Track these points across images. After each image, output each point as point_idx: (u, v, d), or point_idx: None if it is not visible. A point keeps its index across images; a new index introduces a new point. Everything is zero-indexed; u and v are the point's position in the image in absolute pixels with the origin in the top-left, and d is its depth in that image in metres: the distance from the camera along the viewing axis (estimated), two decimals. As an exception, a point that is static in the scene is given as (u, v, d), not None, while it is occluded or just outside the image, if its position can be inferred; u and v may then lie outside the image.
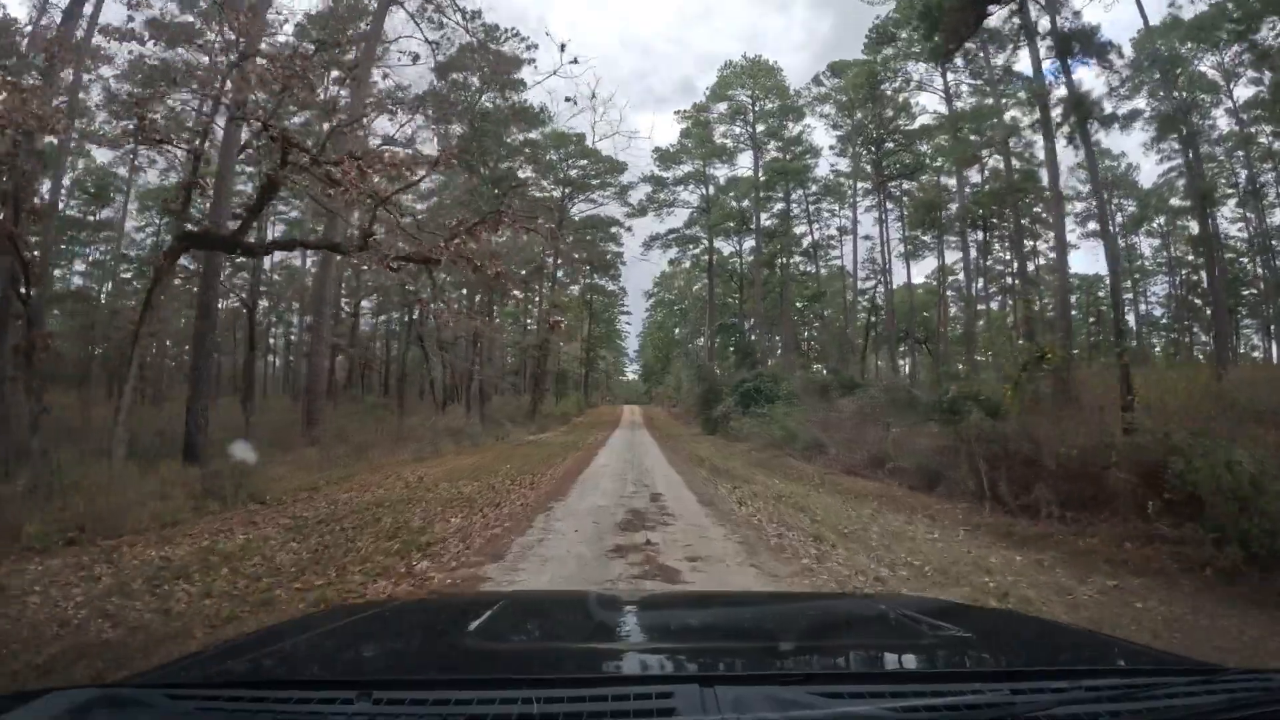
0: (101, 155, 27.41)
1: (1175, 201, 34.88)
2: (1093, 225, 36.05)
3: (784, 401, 19.46)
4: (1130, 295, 37.05)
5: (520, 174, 39.23)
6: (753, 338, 35.33)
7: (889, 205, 37.15)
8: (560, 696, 0.94)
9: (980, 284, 36.74)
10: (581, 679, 1.06)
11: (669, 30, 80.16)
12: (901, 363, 36.46)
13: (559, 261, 41.29)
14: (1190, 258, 35.47)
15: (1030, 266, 35.00)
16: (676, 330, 60.17)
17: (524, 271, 42.84)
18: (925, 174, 38.06)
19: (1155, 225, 38.42)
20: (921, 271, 57.79)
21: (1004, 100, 28.33)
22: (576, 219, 42.53)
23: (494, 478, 11.23)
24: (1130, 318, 35.77)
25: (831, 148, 38.48)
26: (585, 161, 42.04)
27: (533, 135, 36.67)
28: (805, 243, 40.46)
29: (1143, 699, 0.95)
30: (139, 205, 29.99)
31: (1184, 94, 24.95)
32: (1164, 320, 40.39)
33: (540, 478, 11.53)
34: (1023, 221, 38.60)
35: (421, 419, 23.74)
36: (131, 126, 7.85)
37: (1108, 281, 21.05)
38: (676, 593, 4.24)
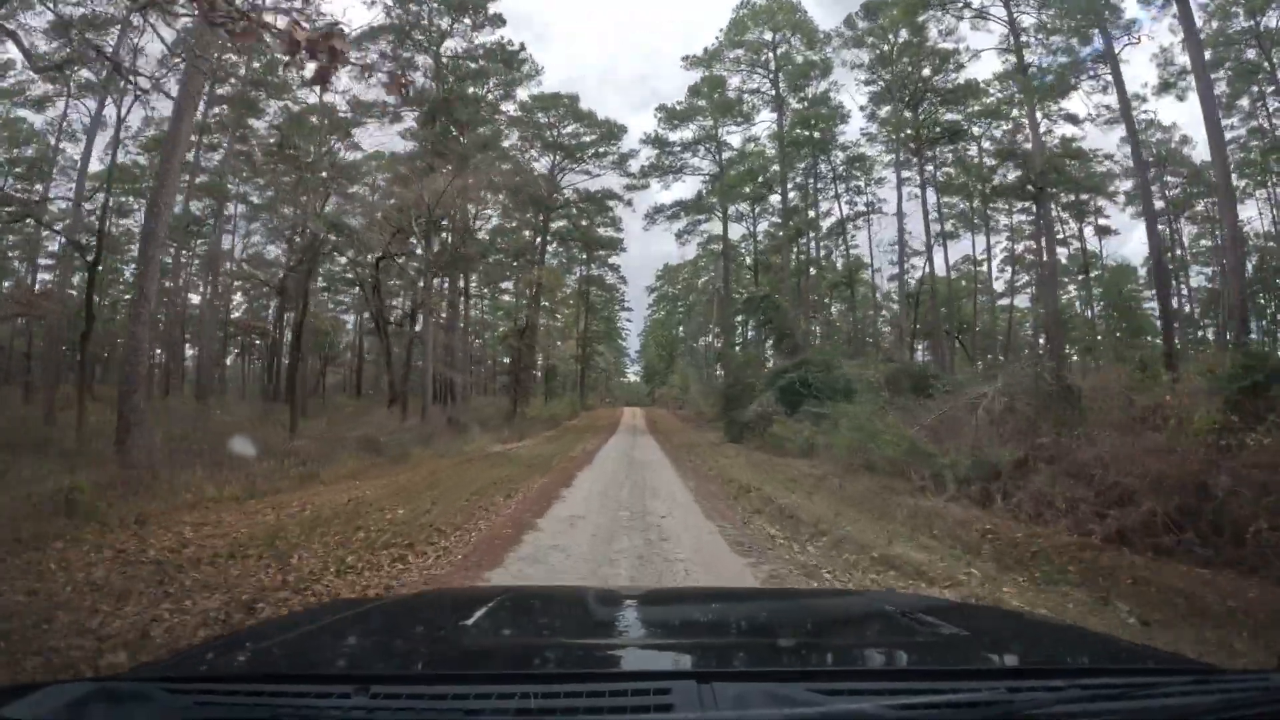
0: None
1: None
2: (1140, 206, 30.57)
3: (863, 395, 13.42)
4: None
5: (504, 140, 33.81)
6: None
7: (921, 177, 31.34)
8: (557, 692, 0.93)
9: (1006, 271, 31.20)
10: (579, 674, 1.07)
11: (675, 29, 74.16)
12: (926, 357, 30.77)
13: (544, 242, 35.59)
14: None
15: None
16: (680, 329, 55.22)
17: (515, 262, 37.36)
18: (968, 139, 32.61)
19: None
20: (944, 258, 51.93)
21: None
22: (569, 193, 36.80)
23: (335, 534, 5.43)
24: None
25: (862, 109, 32.58)
26: (577, 126, 36.38)
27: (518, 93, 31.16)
28: (825, 225, 34.67)
29: (1140, 698, 0.95)
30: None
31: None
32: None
33: (450, 535, 5.75)
34: (1081, 196, 33.12)
35: (355, 421, 17.98)
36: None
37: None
38: (675, 589, 3.88)
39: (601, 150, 36.48)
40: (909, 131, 31.88)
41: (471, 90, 30.67)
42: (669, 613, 1.77)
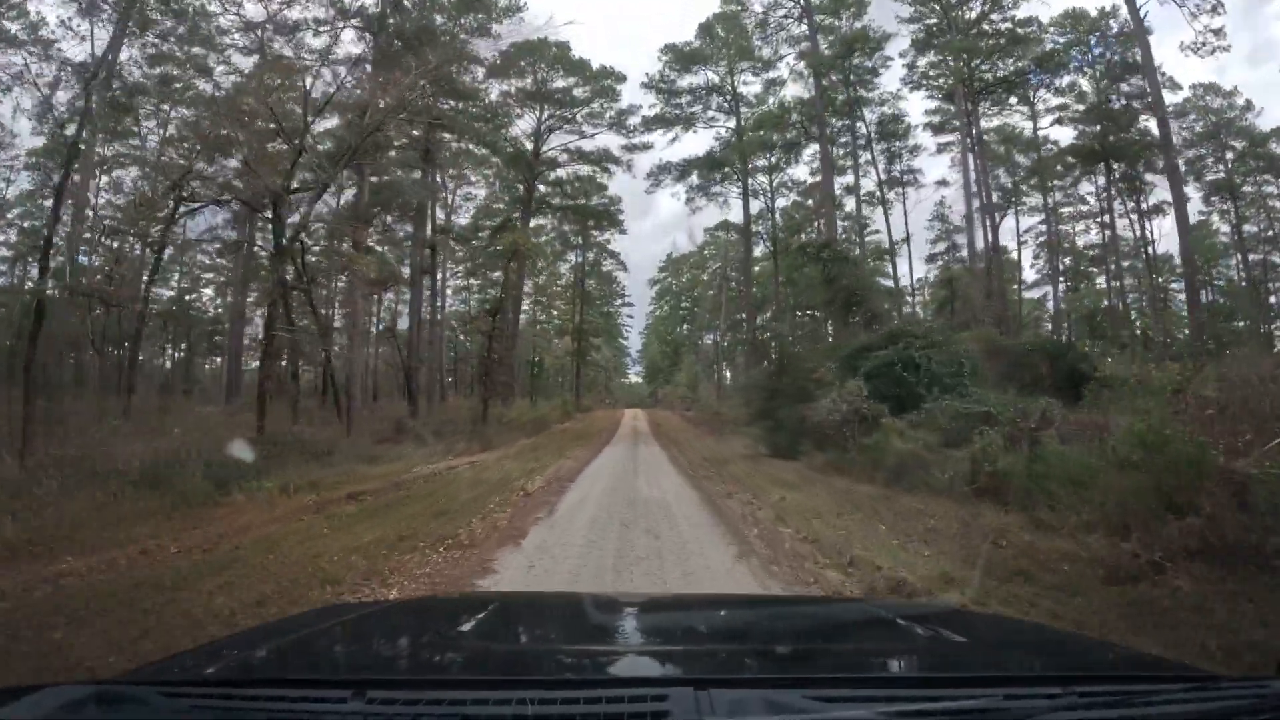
0: None
1: None
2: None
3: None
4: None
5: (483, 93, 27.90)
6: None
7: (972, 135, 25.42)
8: (554, 698, 0.93)
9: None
10: (575, 680, 1.08)
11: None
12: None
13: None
14: None
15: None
16: (684, 326, 50.61)
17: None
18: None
19: None
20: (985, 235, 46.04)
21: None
22: (558, 155, 30.82)
23: None
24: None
25: (902, 55, 26.63)
26: (569, 80, 30.42)
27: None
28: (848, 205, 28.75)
29: (1137, 705, 0.95)
30: None
31: None
32: None
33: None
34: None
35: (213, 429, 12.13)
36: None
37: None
38: (672, 595, 3.76)
39: (597, 110, 30.56)
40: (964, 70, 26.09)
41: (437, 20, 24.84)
42: (666, 619, 1.75)
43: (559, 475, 10.41)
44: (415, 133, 24.41)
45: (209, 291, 30.31)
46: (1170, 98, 24.49)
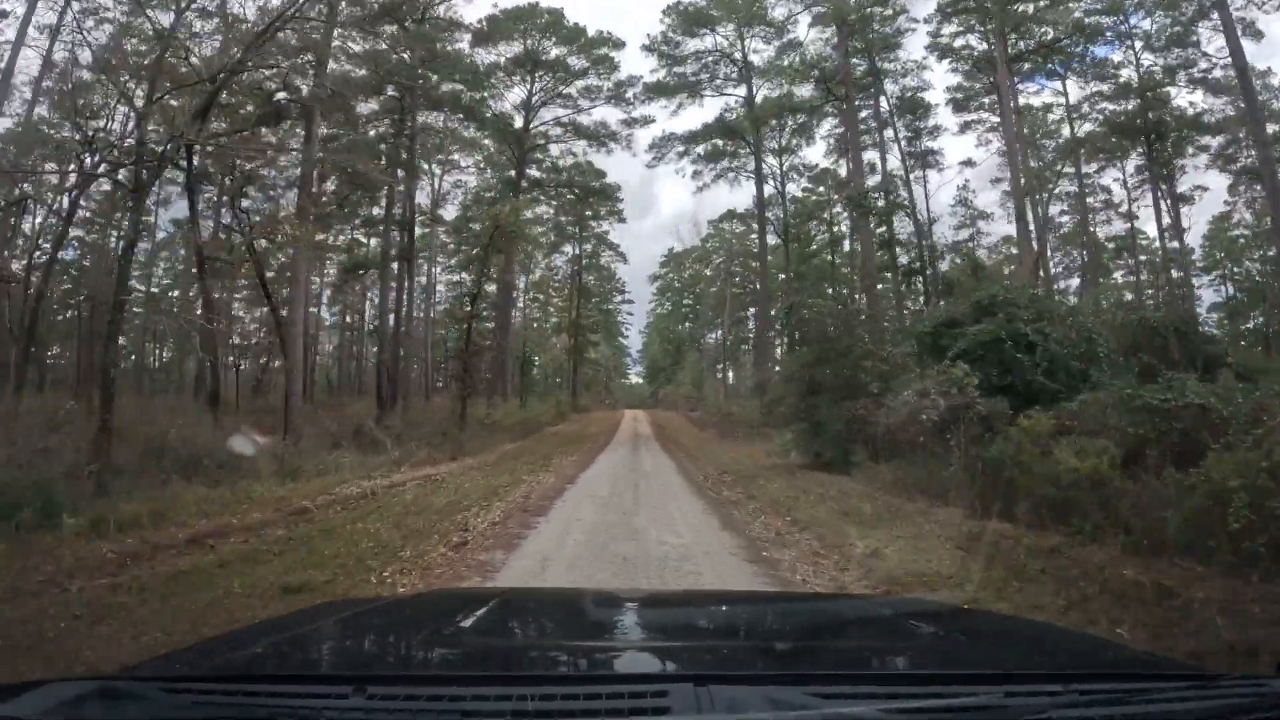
0: None
1: None
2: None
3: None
4: None
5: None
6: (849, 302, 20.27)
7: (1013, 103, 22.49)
8: (554, 694, 0.92)
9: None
10: (576, 676, 1.08)
11: None
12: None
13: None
14: None
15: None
16: (687, 325, 48.41)
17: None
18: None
19: None
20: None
21: None
22: (551, 128, 27.81)
23: None
24: None
25: (926, 21, 23.56)
26: (562, 50, 27.41)
27: None
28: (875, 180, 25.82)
29: (1137, 703, 0.94)
30: None
31: None
32: None
33: None
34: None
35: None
36: None
37: None
38: (673, 592, 3.59)
39: (595, 84, 27.55)
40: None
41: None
42: (666, 615, 1.72)
43: (529, 501, 7.42)
44: (391, 92, 21.59)
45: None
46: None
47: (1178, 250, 25.02)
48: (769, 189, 26.44)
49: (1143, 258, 27.91)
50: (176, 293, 23.97)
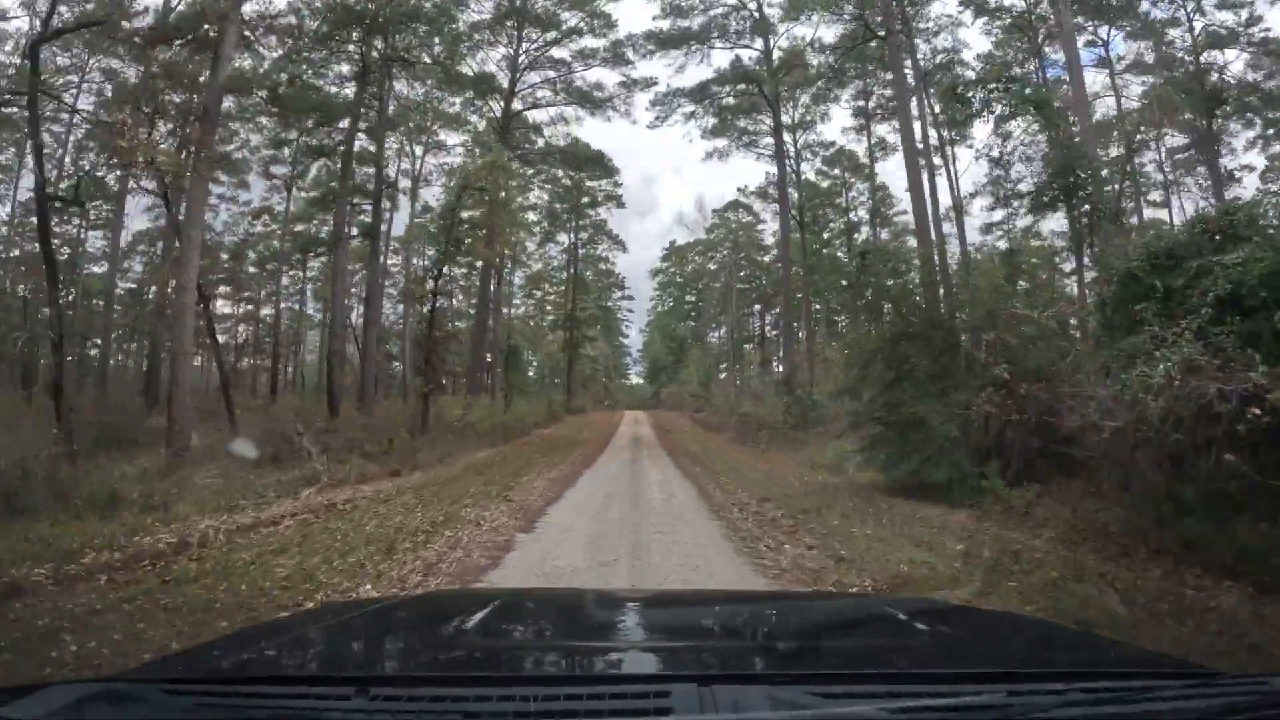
0: None
1: None
2: None
3: None
4: None
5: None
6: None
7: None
8: (557, 694, 0.91)
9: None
10: (578, 677, 1.07)
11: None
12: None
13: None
14: None
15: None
16: (690, 322, 46.27)
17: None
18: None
19: None
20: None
21: None
22: (535, 91, 24.41)
23: None
24: None
25: None
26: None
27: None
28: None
29: (1139, 702, 0.94)
30: None
31: None
32: None
33: None
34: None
35: None
36: None
37: None
38: (674, 591, 3.61)
39: (590, 46, 24.18)
40: None
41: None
42: (669, 615, 1.73)
43: (440, 566, 4.12)
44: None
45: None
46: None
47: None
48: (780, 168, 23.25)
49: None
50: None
